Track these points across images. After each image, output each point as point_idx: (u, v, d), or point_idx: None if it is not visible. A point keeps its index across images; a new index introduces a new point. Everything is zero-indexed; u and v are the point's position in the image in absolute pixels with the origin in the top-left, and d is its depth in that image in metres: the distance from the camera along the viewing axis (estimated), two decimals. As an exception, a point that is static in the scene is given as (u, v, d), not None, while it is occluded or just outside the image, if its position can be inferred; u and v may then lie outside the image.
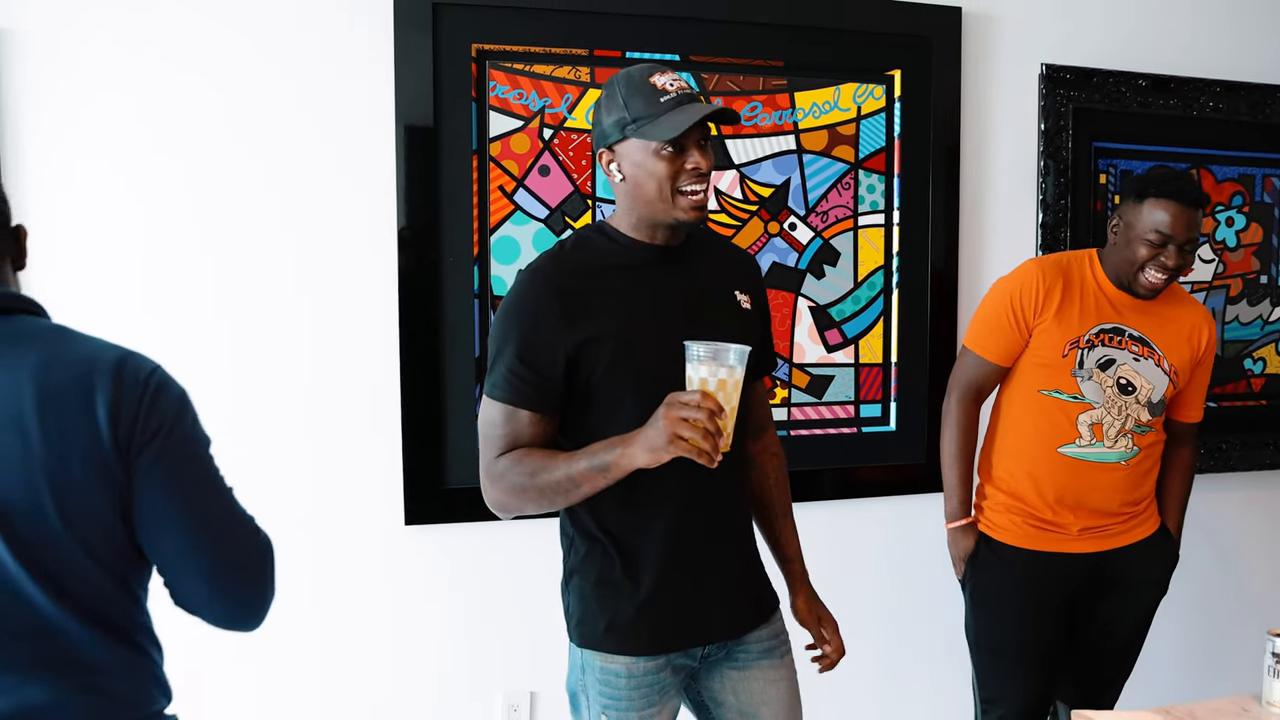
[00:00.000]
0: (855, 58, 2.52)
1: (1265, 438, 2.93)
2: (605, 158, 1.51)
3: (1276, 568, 3.03)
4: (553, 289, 1.48)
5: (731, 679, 1.63)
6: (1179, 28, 2.79)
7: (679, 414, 1.32)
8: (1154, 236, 2.03)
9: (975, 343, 2.22)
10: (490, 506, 1.56)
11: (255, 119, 2.15)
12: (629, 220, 1.54)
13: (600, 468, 1.41)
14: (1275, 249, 2.93)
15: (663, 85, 1.45)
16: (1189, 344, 2.18)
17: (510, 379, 1.47)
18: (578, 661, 1.59)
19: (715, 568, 1.59)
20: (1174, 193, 2.03)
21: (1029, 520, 2.17)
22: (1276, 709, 1.41)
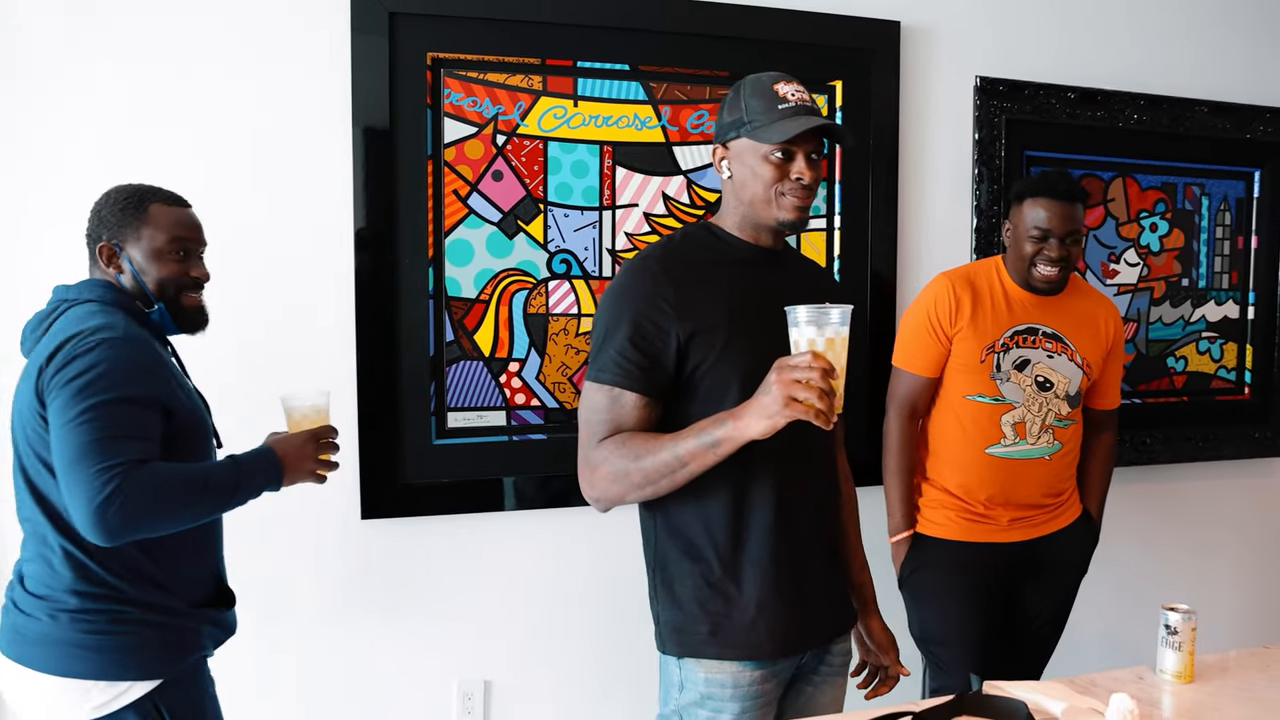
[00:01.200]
0: (798, 68, 2.58)
1: (1187, 431, 3.07)
2: (718, 154, 1.56)
3: (1198, 554, 3.18)
4: (668, 276, 1.49)
5: (805, 693, 1.61)
6: (1105, 45, 2.92)
7: (791, 376, 1.29)
8: (1035, 233, 2.18)
9: (903, 360, 2.33)
10: (589, 497, 1.51)
11: (215, 122, 2.21)
12: (734, 219, 1.57)
13: (710, 444, 1.38)
14: (1195, 253, 3.08)
15: (784, 94, 1.49)
16: (1098, 335, 2.31)
17: (620, 361, 1.46)
18: (674, 678, 1.53)
19: (818, 563, 1.58)
20: (1047, 190, 2.20)
21: (962, 514, 2.29)
22: (1168, 675, 1.52)
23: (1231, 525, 3.22)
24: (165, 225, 1.62)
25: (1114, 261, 2.98)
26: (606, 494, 1.47)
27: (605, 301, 1.53)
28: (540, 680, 2.51)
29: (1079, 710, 1.34)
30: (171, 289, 1.64)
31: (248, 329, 2.24)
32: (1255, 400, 3.18)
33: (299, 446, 1.67)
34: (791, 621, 1.52)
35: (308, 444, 1.69)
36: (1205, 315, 3.10)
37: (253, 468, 1.60)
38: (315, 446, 1.69)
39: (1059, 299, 2.29)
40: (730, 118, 1.52)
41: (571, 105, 2.44)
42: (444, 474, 2.38)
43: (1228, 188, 3.11)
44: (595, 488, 1.48)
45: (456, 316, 2.39)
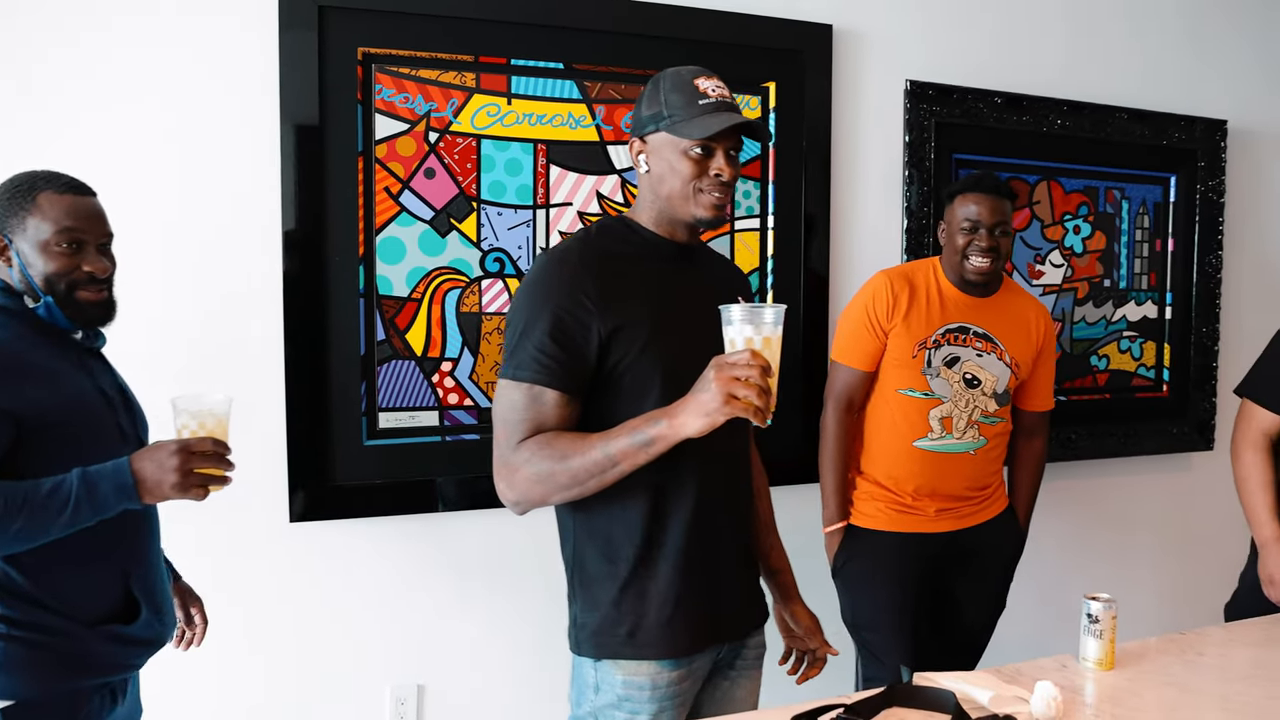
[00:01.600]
0: (732, 69, 2.63)
1: (1110, 428, 3.16)
2: (636, 148, 1.53)
3: (1119, 546, 3.28)
4: (588, 270, 1.45)
5: (721, 688, 1.61)
6: (1030, 51, 3.00)
7: (731, 374, 1.28)
8: (966, 225, 2.28)
9: (841, 354, 2.39)
10: (507, 499, 1.47)
11: (140, 117, 2.14)
12: (650, 214, 1.54)
13: (643, 443, 1.36)
14: (1116, 255, 3.17)
15: (705, 89, 1.47)
16: (1029, 337, 2.37)
17: (539, 357, 1.41)
18: (589, 679, 1.51)
19: (732, 562, 1.58)
20: (974, 186, 2.31)
21: (891, 506, 2.34)
22: (1089, 663, 1.56)
23: (1150, 517, 3.33)
24: (53, 216, 1.50)
25: (1039, 263, 3.05)
26: (527, 496, 1.43)
27: (522, 295, 1.49)
28: (475, 684, 2.49)
29: (1005, 699, 1.37)
30: (60, 284, 1.51)
31: (172, 329, 2.19)
32: (1173, 397, 3.28)
33: (161, 458, 1.45)
34: (708, 620, 1.52)
35: (174, 455, 1.45)
36: (1126, 315, 3.19)
37: (98, 482, 1.43)
38: (184, 458, 1.45)
39: (992, 300, 2.35)
40: (649, 111, 1.50)
41: (505, 103, 2.43)
42: (375, 475, 2.35)
43: (1146, 192, 3.20)
44: (515, 490, 1.43)
45: (388, 315, 2.35)
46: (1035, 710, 1.34)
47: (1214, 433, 3.32)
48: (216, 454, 1.49)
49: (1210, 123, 3.23)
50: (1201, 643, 1.71)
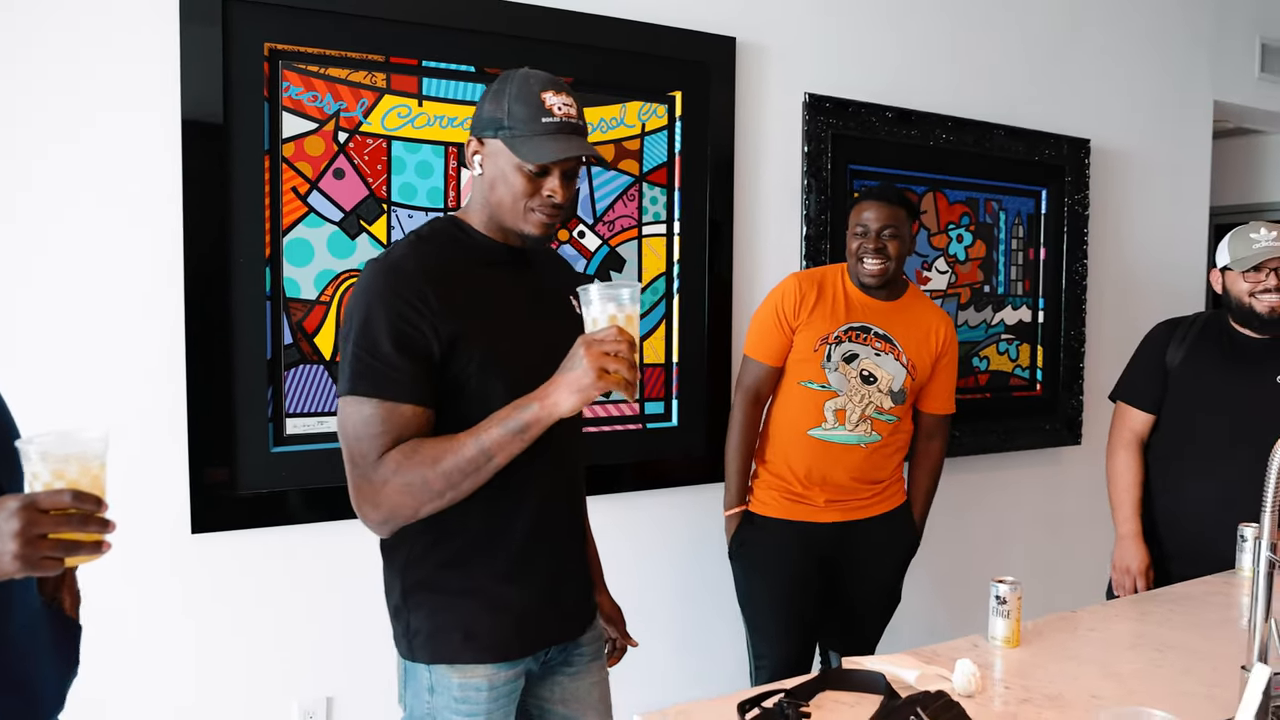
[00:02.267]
0: (640, 78, 2.69)
1: (989, 425, 3.35)
2: (473, 146, 1.48)
3: (999, 534, 3.47)
4: (421, 278, 1.39)
5: (563, 685, 1.61)
6: (919, 69, 3.15)
7: (600, 349, 1.29)
8: (859, 229, 2.43)
9: (752, 349, 2.51)
10: (373, 520, 1.39)
11: (30, 112, 2.04)
12: (480, 216, 1.51)
13: (517, 430, 1.33)
14: (995, 263, 3.36)
15: (551, 105, 1.41)
16: (928, 342, 2.50)
17: (388, 372, 1.36)
18: (424, 683, 1.48)
19: (563, 564, 1.58)
20: (867, 194, 2.49)
21: (785, 494, 2.45)
22: (998, 641, 1.68)
23: (1026, 508, 3.54)
24: None
25: (927, 269, 3.21)
26: (398, 511, 1.36)
27: (357, 305, 1.41)
28: (385, 694, 2.44)
29: (929, 677, 1.45)
30: None
31: (66, 336, 2.09)
32: (1045, 395, 3.50)
33: None
34: (543, 621, 1.53)
35: (13, 517, 1.04)
36: (1004, 319, 3.39)
37: None
38: (29, 519, 1.05)
39: (895, 305, 2.48)
40: (490, 114, 1.44)
41: (416, 105, 2.41)
42: (282, 483, 2.29)
43: (1021, 204, 3.41)
44: (382, 508, 1.36)
45: (295, 319, 2.30)
46: (958, 685, 1.43)
47: (1081, 429, 3.56)
48: (81, 514, 1.08)
49: (1076, 141, 3.46)
50: (1090, 619, 1.85)
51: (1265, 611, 1.28)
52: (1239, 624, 1.84)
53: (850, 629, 2.55)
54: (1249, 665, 1.30)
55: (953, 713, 1.23)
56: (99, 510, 1.09)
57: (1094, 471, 3.63)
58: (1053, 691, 1.48)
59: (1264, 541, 1.27)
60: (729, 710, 1.39)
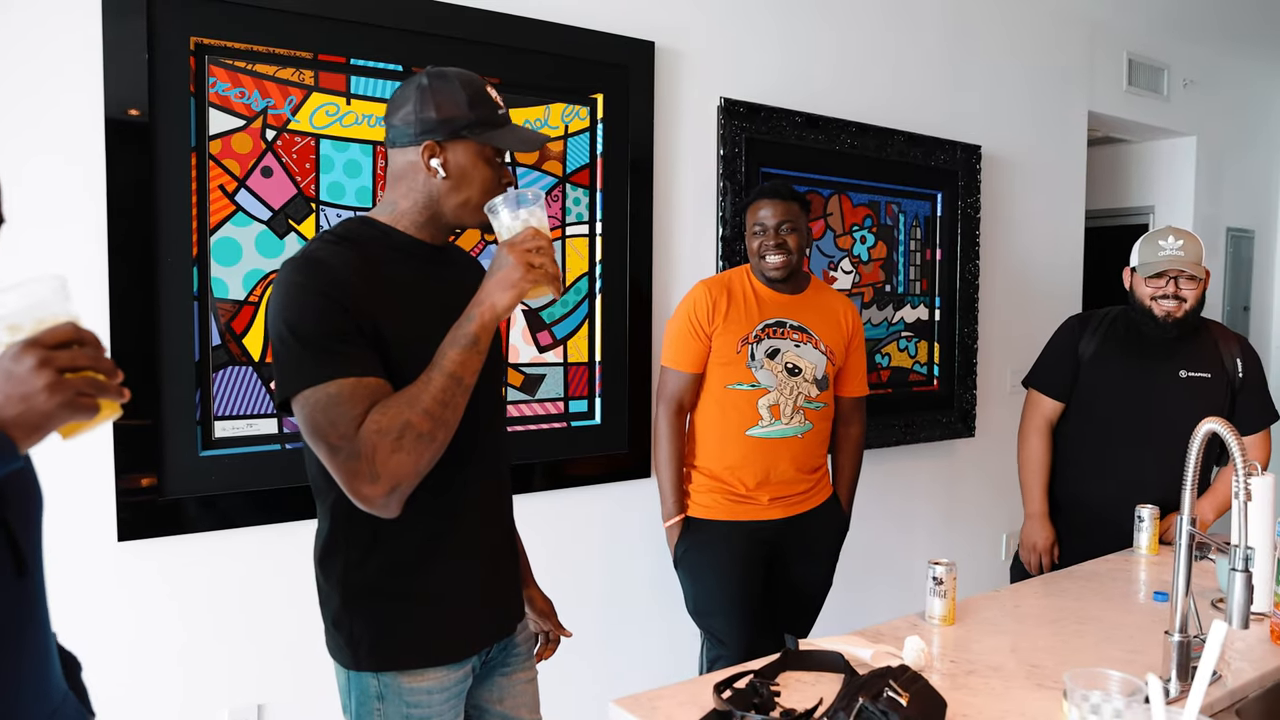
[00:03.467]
0: (564, 79, 2.72)
1: (892, 419, 3.52)
2: (429, 152, 1.43)
3: (903, 522, 3.65)
4: (343, 272, 1.36)
5: (500, 685, 1.62)
6: (826, 76, 3.29)
7: (523, 248, 1.33)
8: (758, 228, 2.52)
9: (670, 359, 2.56)
10: (376, 495, 1.31)
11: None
12: (412, 217, 1.47)
13: (469, 343, 1.34)
14: (895, 263, 3.53)
15: (496, 99, 1.46)
16: (839, 327, 2.61)
17: (338, 354, 1.31)
18: (372, 691, 1.45)
19: (498, 562, 1.58)
20: (761, 193, 2.56)
21: (727, 496, 2.51)
22: (936, 620, 1.79)
23: (925, 497, 3.73)
24: None
25: (833, 269, 3.35)
26: (398, 472, 1.29)
27: (285, 304, 1.35)
28: (316, 702, 2.42)
29: (883, 654, 1.55)
30: None
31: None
32: (942, 390, 3.69)
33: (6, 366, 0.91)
34: (484, 618, 1.54)
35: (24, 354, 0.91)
36: (903, 317, 3.57)
37: None
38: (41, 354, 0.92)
39: (802, 297, 2.58)
40: (446, 115, 1.41)
41: (344, 103, 2.39)
42: (211, 488, 2.24)
43: (918, 207, 3.59)
44: (381, 477, 1.28)
45: (224, 319, 2.25)
46: (909, 661, 1.53)
47: (975, 422, 3.77)
48: (91, 347, 0.95)
49: (968, 147, 3.67)
50: (1014, 598, 1.99)
51: (1186, 582, 1.42)
52: (1138, 597, 2.01)
53: (795, 615, 2.64)
54: (1172, 631, 1.44)
55: (919, 684, 1.32)
56: (100, 350, 0.95)
57: (987, 461, 3.87)
58: (994, 663, 1.60)
59: (1185, 518, 1.41)
60: (700, 693, 1.45)
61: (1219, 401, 2.45)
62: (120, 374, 0.95)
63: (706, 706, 1.40)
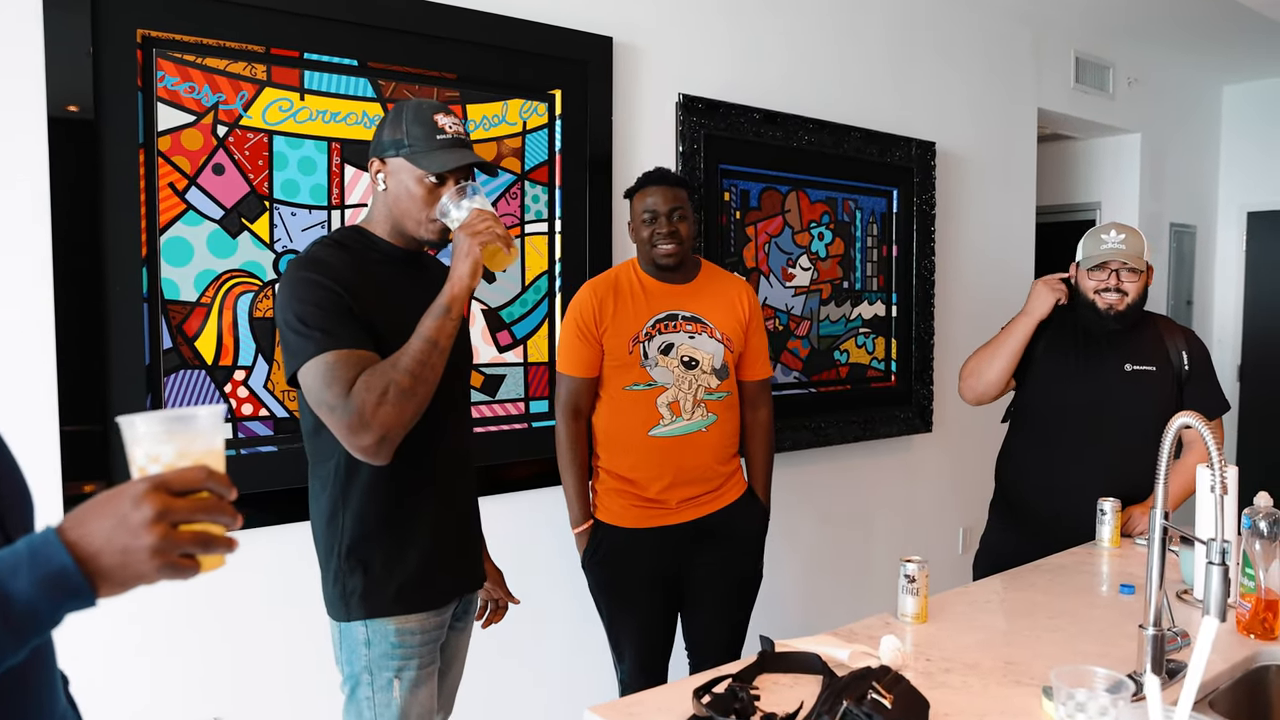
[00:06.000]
0: (521, 75, 2.68)
1: (851, 415, 3.53)
2: (375, 167, 1.69)
3: (863, 518, 3.67)
4: (339, 269, 1.59)
5: (449, 638, 1.82)
6: (783, 72, 3.29)
7: (472, 228, 1.59)
8: (646, 216, 2.42)
9: (564, 365, 2.48)
10: (369, 442, 1.53)
11: None
12: (384, 226, 1.71)
13: (442, 311, 1.56)
14: (853, 260, 3.54)
15: (442, 125, 1.65)
16: (734, 311, 2.52)
17: (333, 332, 1.53)
18: (359, 638, 1.66)
19: (466, 526, 1.82)
20: (648, 180, 2.47)
21: (635, 502, 2.44)
22: (909, 618, 1.78)
23: (884, 492, 3.75)
24: None
25: (791, 266, 3.35)
26: (387, 421, 1.51)
27: (290, 295, 1.58)
28: (274, 712, 2.36)
29: (859, 654, 1.54)
30: None
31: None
32: (900, 386, 3.72)
33: (123, 511, 0.84)
34: (457, 571, 1.78)
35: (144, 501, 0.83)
36: (861, 314, 3.58)
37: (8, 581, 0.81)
38: (164, 505, 0.84)
39: (693, 285, 2.50)
40: (390, 137, 1.66)
41: (298, 98, 2.32)
42: (163, 495, 2.16)
43: (874, 203, 3.61)
44: (372, 426, 1.51)
45: (175, 321, 2.18)
46: (885, 660, 1.52)
47: (932, 417, 3.80)
48: (214, 498, 0.88)
49: (922, 144, 3.69)
50: (983, 593, 1.99)
51: (1160, 576, 1.43)
52: (1103, 590, 2.03)
53: (715, 618, 2.54)
54: (1146, 625, 1.45)
55: (901, 685, 1.31)
56: (230, 495, 0.90)
57: (945, 457, 3.91)
58: (970, 660, 1.60)
59: (1158, 510, 1.42)
60: (678, 698, 1.43)
61: (1166, 394, 2.48)
62: (239, 520, 0.90)
63: (686, 713, 1.38)
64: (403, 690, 1.66)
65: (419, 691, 1.68)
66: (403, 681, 1.66)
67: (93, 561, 0.84)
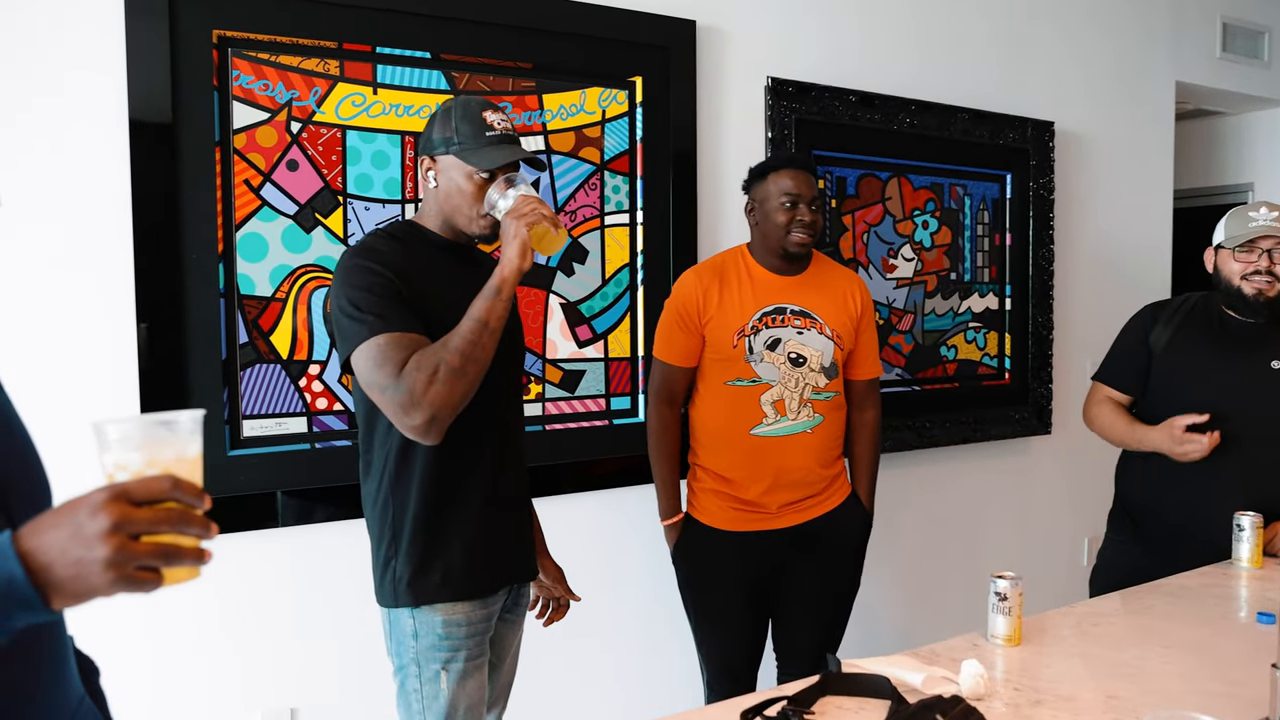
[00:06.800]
0: (600, 63, 2.60)
1: (960, 415, 3.32)
2: (425, 164, 1.70)
3: (973, 527, 3.45)
4: (391, 258, 1.61)
5: (498, 629, 1.79)
6: (882, 52, 3.11)
7: (520, 212, 1.58)
8: (786, 200, 2.26)
9: (660, 351, 2.37)
10: (418, 422, 1.53)
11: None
12: (436, 221, 1.72)
13: (492, 293, 1.56)
14: (961, 249, 3.33)
15: (491, 122, 1.66)
16: (846, 308, 2.38)
17: (386, 315, 1.55)
18: (407, 628, 1.66)
19: (516, 517, 1.80)
20: (788, 162, 2.32)
21: (732, 504, 2.32)
22: (999, 640, 1.61)
23: (996, 500, 3.52)
24: None
25: (892, 256, 3.17)
26: (436, 400, 1.51)
27: (345, 282, 1.59)
28: (348, 705, 2.35)
29: (935, 680, 1.39)
30: None
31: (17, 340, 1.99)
32: (1014, 384, 3.48)
33: (80, 521, 0.80)
34: (504, 562, 1.76)
35: (101, 512, 0.80)
36: (970, 307, 3.36)
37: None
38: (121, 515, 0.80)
39: (804, 277, 2.35)
40: (440, 135, 1.68)
41: (371, 93, 2.30)
42: (240, 488, 2.18)
43: (985, 189, 3.38)
44: (423, 405, 1.51)
45: (250, 316, 2.19)
46: (965, 688, 1.37)
47: (1051, 417, 3.54)
48: (180, 509, 0.84)
49: (1039, 124, 3.44)
50: (1094, 614, 1.79)
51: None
52: (1238, 618, 1.80)
53: (809, 628, 2.41)
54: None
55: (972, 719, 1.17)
56: (201, 506, 0.85)
57: (1065, 460, 3.64)
58: (1065, 692, 1.42)
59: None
60: (729, 718, 1.31)
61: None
62: (214, 531, 0.85)
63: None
64: (450, 682, 1.66)
65: (467, 683, 1.67)
66: (450, 673, 1.66)
67: (45, 573, 0.80)
